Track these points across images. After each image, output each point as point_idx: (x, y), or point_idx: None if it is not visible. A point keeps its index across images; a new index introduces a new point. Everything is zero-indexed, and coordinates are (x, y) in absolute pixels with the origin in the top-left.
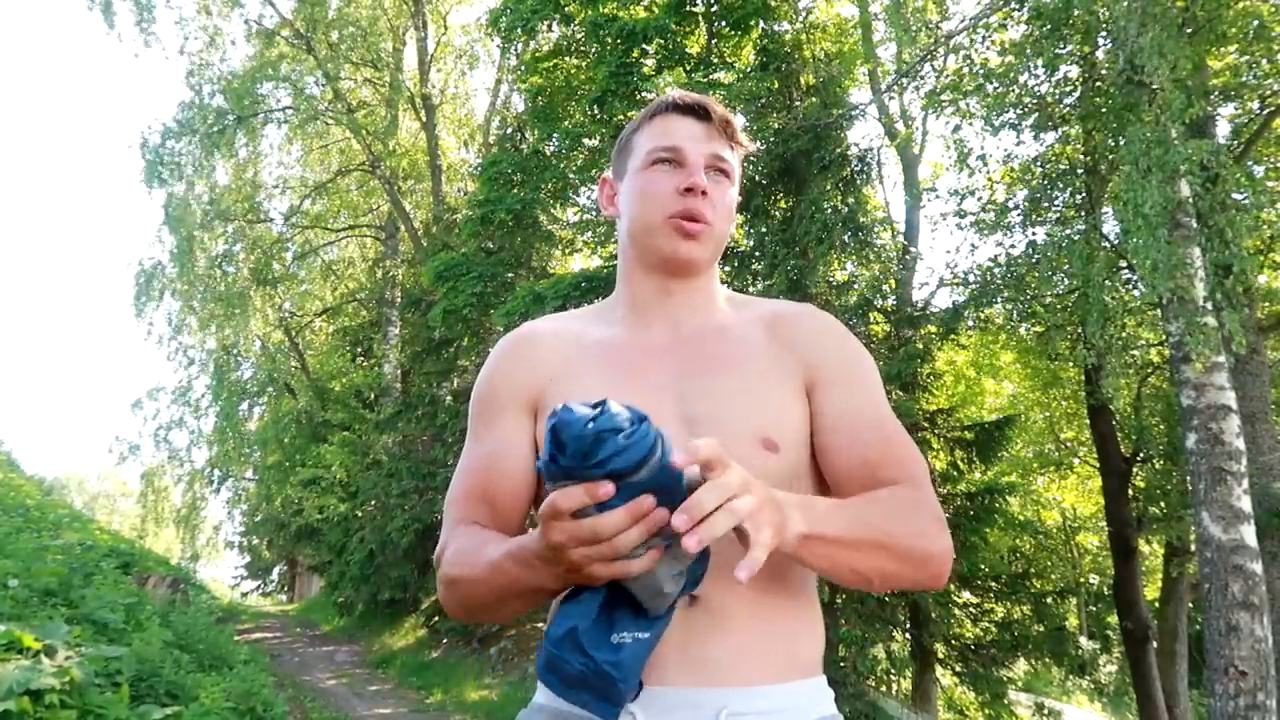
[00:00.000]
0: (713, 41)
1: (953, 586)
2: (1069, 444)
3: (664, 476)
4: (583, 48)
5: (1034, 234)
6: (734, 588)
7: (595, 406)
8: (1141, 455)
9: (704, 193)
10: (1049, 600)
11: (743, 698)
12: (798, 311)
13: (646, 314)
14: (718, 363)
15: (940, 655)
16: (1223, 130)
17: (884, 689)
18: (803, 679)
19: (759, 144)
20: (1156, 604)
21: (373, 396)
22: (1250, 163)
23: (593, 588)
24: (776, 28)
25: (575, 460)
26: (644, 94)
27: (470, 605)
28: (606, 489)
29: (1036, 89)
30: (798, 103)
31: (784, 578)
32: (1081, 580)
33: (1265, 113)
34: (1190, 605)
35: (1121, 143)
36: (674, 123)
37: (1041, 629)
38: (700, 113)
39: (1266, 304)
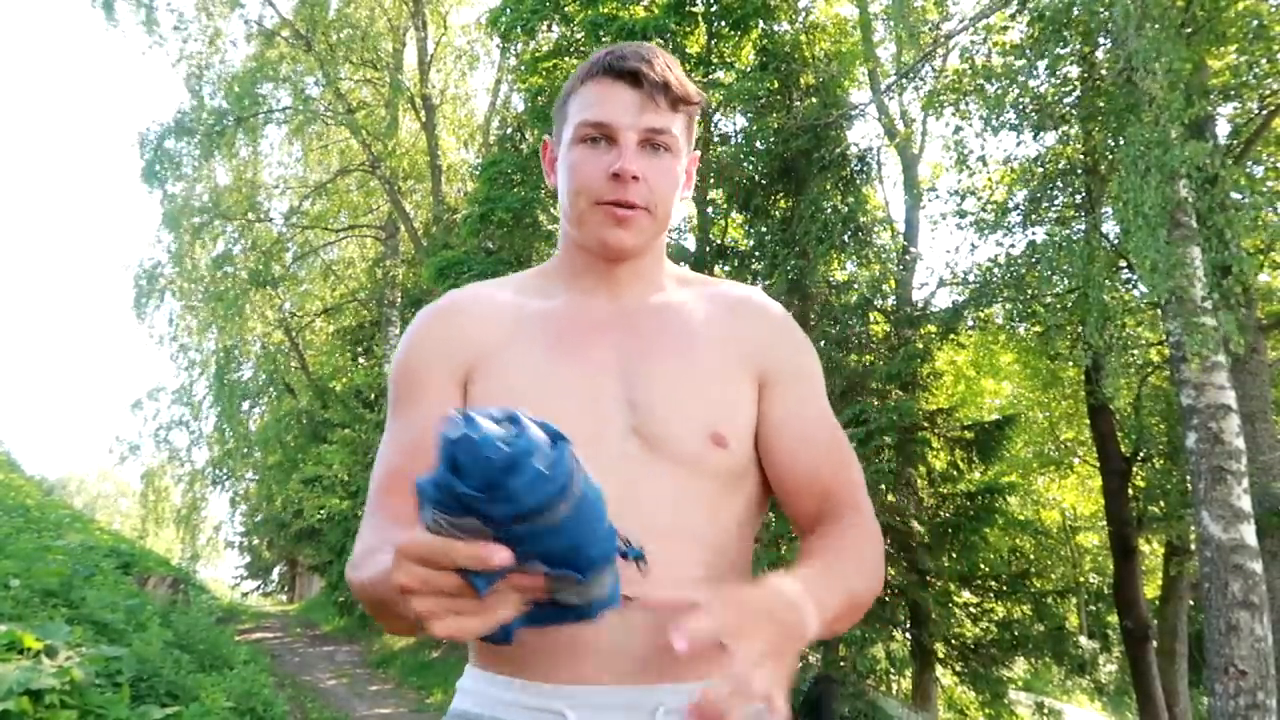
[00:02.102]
0: (712, 41)
1: (953, 586)
2: (1069, 444)
3: (582, 511)
4: (582, 48)
5: (1034, 234)
6: (669, 579)
7: (506, 419)
8: (1141, 455)
9: (635, 177)
10: (1049, 600)
11: (677, 694)
12: (749, 300)
13: (587, 285)
14: (666, 345)
15: (940, 655)
16: (1222, 130)
17: (884, 688)
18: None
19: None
20: (1156, 603)
21: (373, 396)
22: (1250, 163)
23: None
24: (776, 28)
25: (476, 490)
26: None
27: (373, 614)
28: (502, 557)
29: (1037, 89)
30: (797, 103)
31: (725, 566)
32: (1081, 580)
33: (1265, 113)
34: (1190, 604)
35: (1121, 143)
36: (605, 91)
37: (1041, 628)
38: (634, 78)
39: (1266, 304)
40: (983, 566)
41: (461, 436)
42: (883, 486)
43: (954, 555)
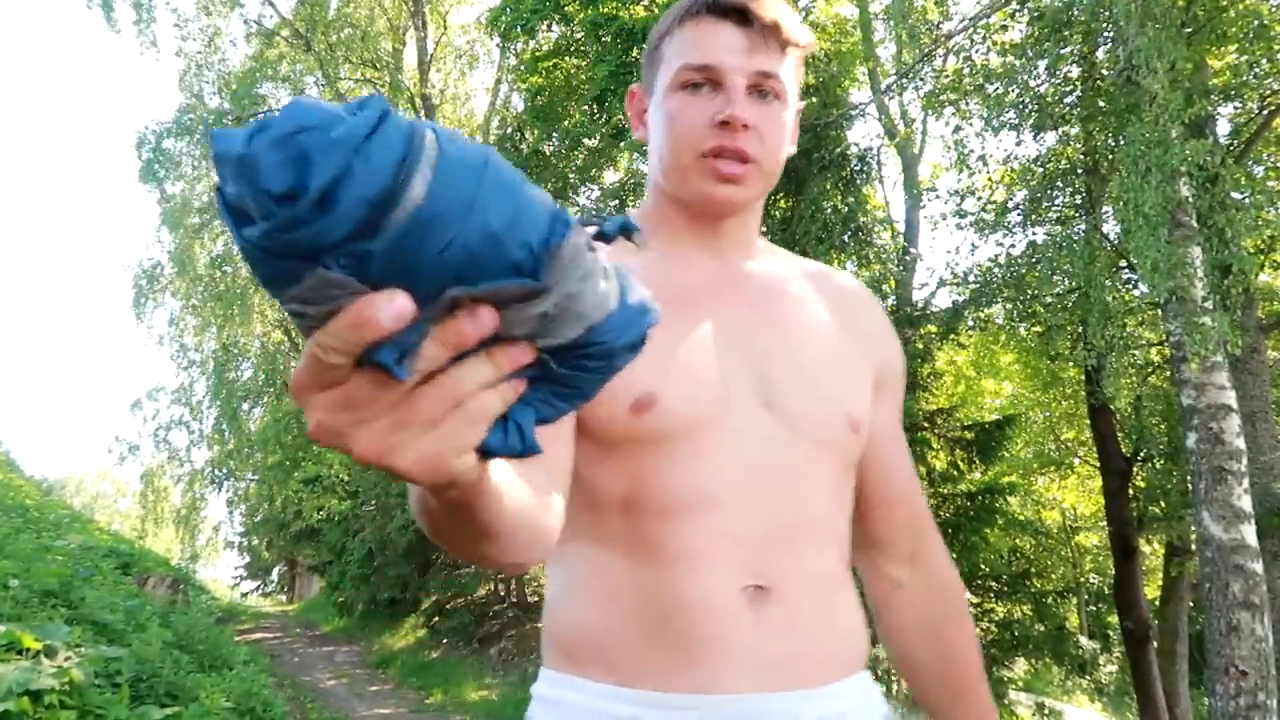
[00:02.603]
0: None
1: None
2: (1069, 444)
3: (460, 183)
4: (582, 47)
5: (1034, 234)
6: (805, 575)
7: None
8: (1142, 455)
9: (745, 125)
10: (1049, 600)
11: (815, 700)
12: (860, 292)
13: (684, 241)
14: (787, 320)
15: None
16: (1223, 130)
17: (884, 689)
18: (862, 671)
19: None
20: (1157, 604)
21: None
22: (1250, 163)
23: None
24: None
25: (283, 191)
26: None
27: (434, 537)
28: (391, 305)
29: (1037, 89)
30: None
31: (846, 558)
32: (1082, 580)
33: (1265, 113)
34: (1191, 605)
35: (1121, 143)
36: (708, 30)
37: (1042, 629)
38: (741, 16)
39: (1266, 304)
40: (983, 567)
41: (217, 134)
42: None
43: (954, 555)
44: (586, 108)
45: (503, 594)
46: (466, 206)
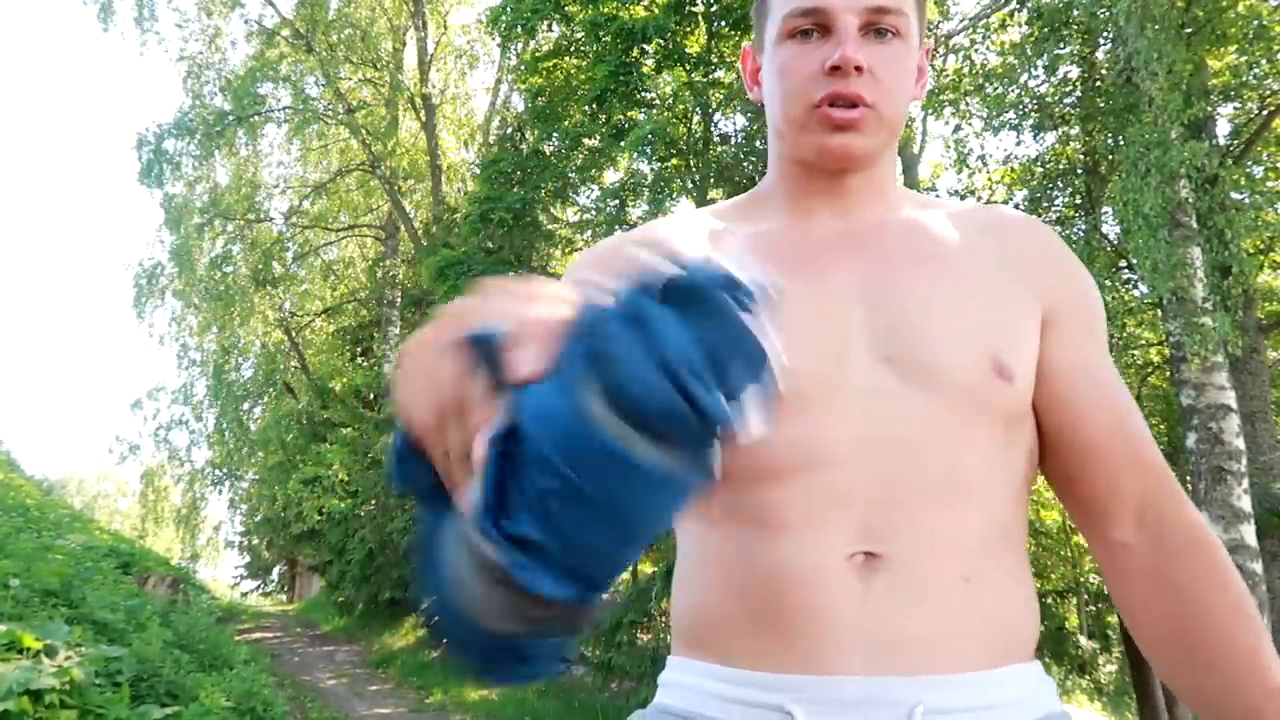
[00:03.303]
0: (712, 41)
1: None
2: None
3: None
4: (582, 47)
5: None
6: (929, 541)
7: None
8: None
9: (859, 68)
10: (1049, 600)
11: (943, 689)
12: (1022, 221)
13: (809, 204)
14: (921, 260)
15: None
16: (1223, 130)
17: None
18: (1020, 664)
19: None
20: None
21: (373, 396)
22: (1250, 163)
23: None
24: None
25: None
26: (643, 93)
27: None
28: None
29: (1036, 89)
30: None
31: (999, 533)
32: (1081, 580)
33: (1265, 113)
34: None
35: (1121, 143)
36: None
37: (1041, 628)
38: None
39: (1266, 304)
40: None
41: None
42: None
43: None
44: (586, 108)
45: None
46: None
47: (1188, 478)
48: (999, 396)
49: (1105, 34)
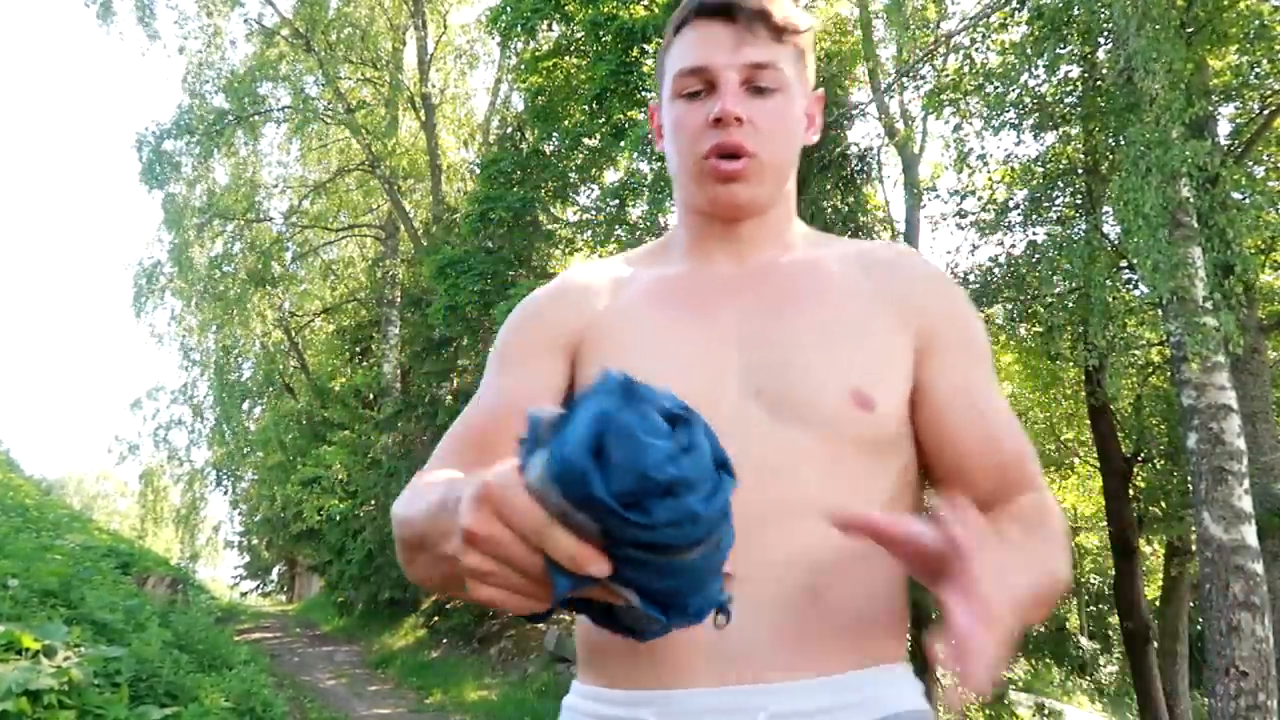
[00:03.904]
0: None
1: None
2: (1069, 444)
3: (709, 560)
4: (582, 47)
5: (1034, 234)
6: (784, 563)
7: (681, 420)
8: (1142, 455)
9: (739, 119)
10: None
11: (788, 695)
12: (900, 255)
13: (707, 249)
14: (800, 302)
15: (942, 655)
16: (1223, 130)
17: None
18: (874, 666)
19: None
20: (1157, 604)
21: (373, 396)
22: (1250, 163)
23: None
24: None
25: (615, 498)
26: (643, 93)
27: (403, 556)
28: (602, 570)
29: (1036, 89)
30: None
31: (858, 544)
32: (1082, 580)
33: (1266, 113)
34: (1191, 605)
35: (1122, 143)
36: (699, 32)
37: (1042, 629)
38: (727, 12)
39: (1267, 304)
40: None
41: (626, 423)
42: None
43: None
44: (586, 108)
45: None
46: (693, 575)
47: (1188, 478)
48: (859, 425)
49: (1106, 33)
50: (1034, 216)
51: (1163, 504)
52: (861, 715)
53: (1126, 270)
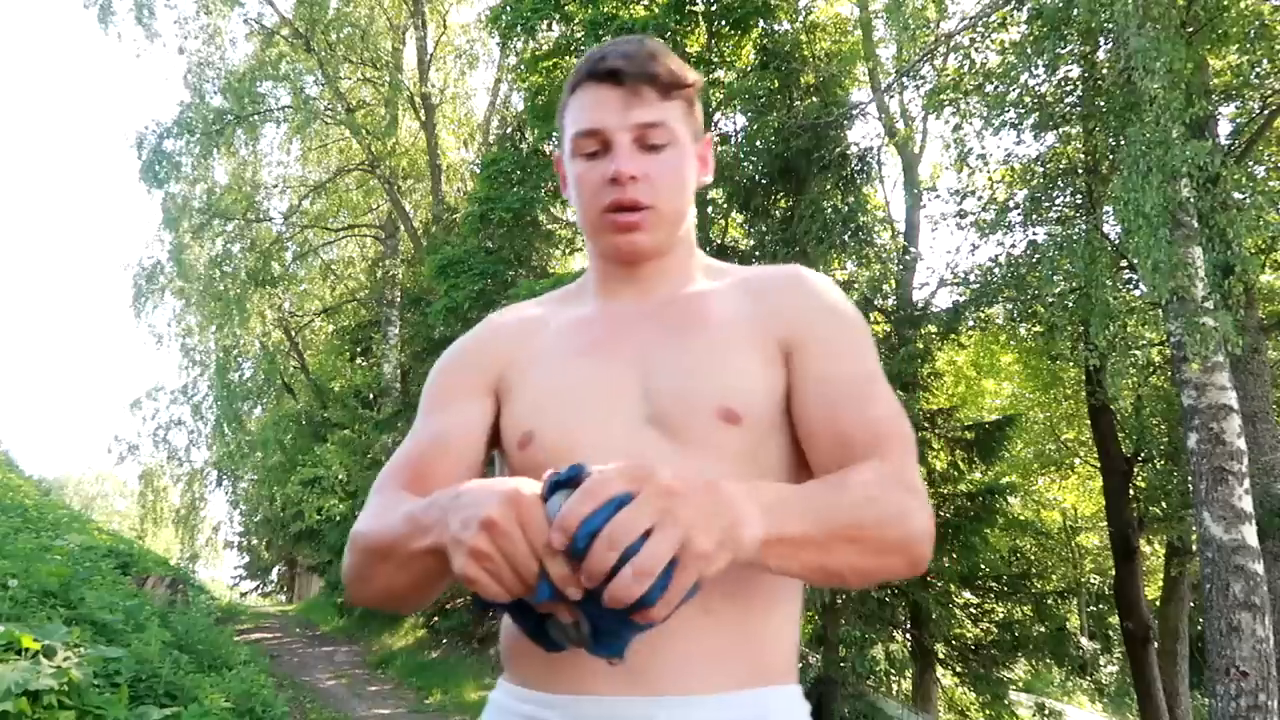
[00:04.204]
0: (713, 41)
1: (953, 587)
2: (1070, 444)
3: (654, 624)
4: (582, 47)
5: (1034, 234)
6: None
7: None
8: (1142, 455)
9: (634, 177)
10: (1050, 600)
11: (677, 708)
12: (775, 273)
13: (614, 288)
14: (684, 330)
15: (941, 655)
16: (1224, 130)
17: (884, 689)
18: (763, 687)
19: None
20: (1157, 604)
21: (373, 396)
22: (1251, 163)
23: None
24: (776, 27)
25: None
26: None
27: (362, 564)
28: (575, 594)
29: (1036, 89)
30: (798, 102)
31: (749, 575)
32: (1082, 580)
33: (1266, 113)
34: (1191, 605)
35: (1122, 143)
36: (591, 96)
37: (1042, 629)
38: (616, 76)
39: (1267, 304)
40: (983, 567)
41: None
42: None
43: (954, 556)
44: None
45: None
46: (635, 628)
47: (1189, 478)
48: (729, 439)
49: (1105, 33)
50: (1034, 216)
51: (1163, 504)
52: None
53: (1127, 270)
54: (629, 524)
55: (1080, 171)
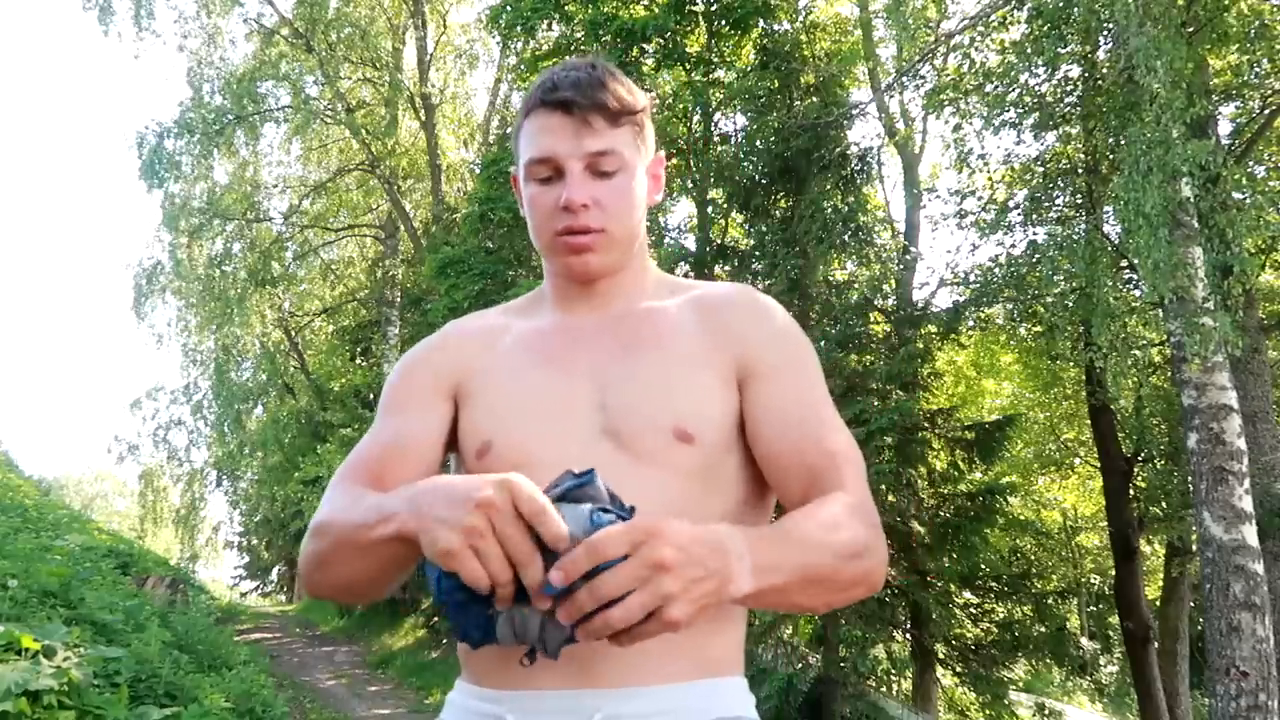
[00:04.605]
0: (713, 40)
1: (953, 587)
2: (1070, 444)
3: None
4: (582, 47)
5: (1034, 234)
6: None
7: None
8: (1142, 455)
9: (585, 205)
10: (1050, 600)
11: (621, 699)
12: (729, 294)
13: (570, 302)
14: (640, 347)
15: (941, 655)
16: (1224, 130)
17: (884, 689)
18: (708, 679)
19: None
20: (1157, 604)
21: (372, 396)
22: (1251, 163)
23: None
24: (776, 27)
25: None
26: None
27: (326, 553)
28: (559, 581)
29: (1036, 89)
30: (798, 102)
31: None
32: (1082, 580)
33: (1266, 112)
34: (1191, 605)
35: (1122, 142)
36: (543, 123)
37: (1042, 629)
38: (565, 106)
39: (1267, 304)
40: (983, 567)
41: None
42: (883, 487)
43: (954, 556)
44: None
45: None
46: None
47: (1189, 478)
48: (682, 457)
49: (1106, 33)
50: (1034, 216)
51: (1163, 504)
52: (690, 718)
53: (1127, 270)
54: (615, 585)
55: (1080, 171)
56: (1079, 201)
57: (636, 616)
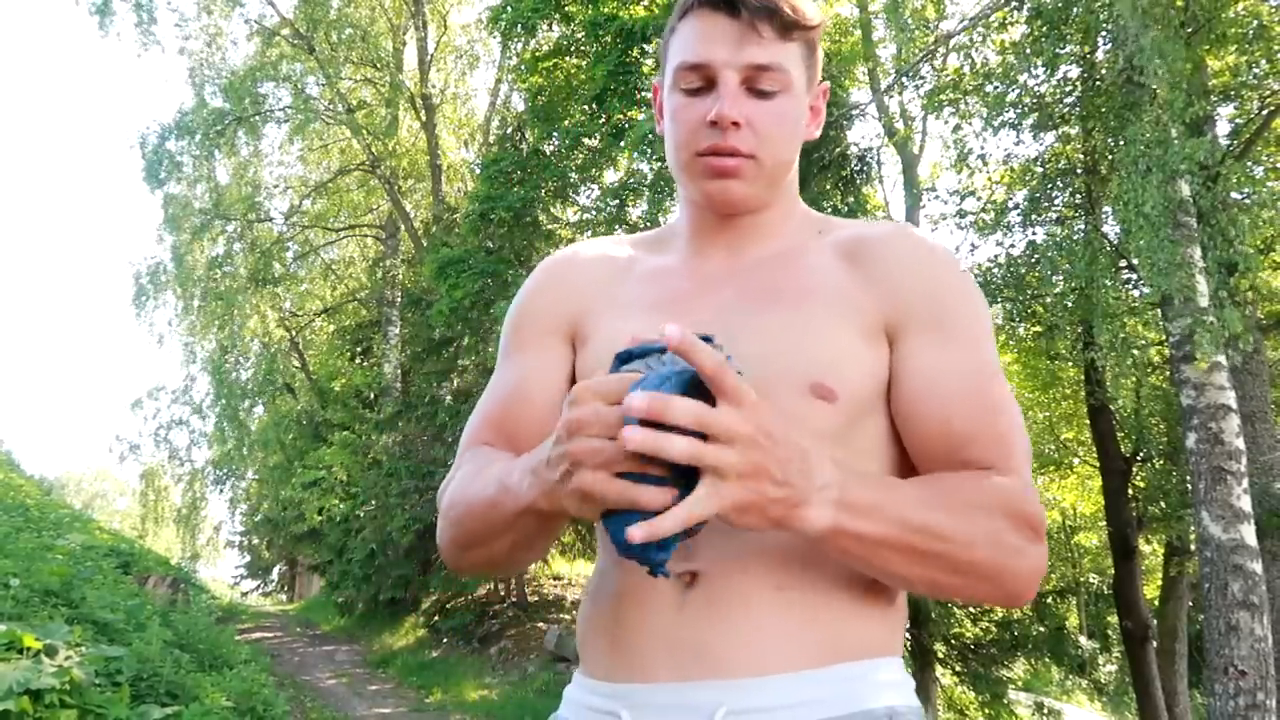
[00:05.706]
0: None
1: None
2: (1069, 443)
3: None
4: (582, 47)
5: (1034, 234)
6: (745, 558)
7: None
8: (1141, 455)
9: (736, 123)
10: (1049, 600)
11: (748, 691)
12: (885, 235)
13: (704, 239)
14: (775, 295)
15: (940, 654)
16: (1223, 130)
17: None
18: (845, 663)
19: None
20: (1156, 603)
21: (373, 396)
22: (1250, 163)
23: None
24: None
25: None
26: (643, 93)
27: (463, 535)
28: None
29: (1036, 89)
30: None
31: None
32: (1081, 580)
33: (1265, 113)
34: (1190, 605)
35: (1121, 143)
36: (702, 25)
37: (1041, 628)
38: (732, 6)
39: (1266, 304)
40: None
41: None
42: None
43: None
44: (586, 108)
45: (503, 593)
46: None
47: (1188, 478)
48: (818, 417)
49: (1105, 33)
50: (1034, 216)
51: (1162, 503)
52: (825, 711)
53: (1127, 270)
54: (679, 411)
55: (1079, 172)
56: (1078, 201)
57: (677, 451)
